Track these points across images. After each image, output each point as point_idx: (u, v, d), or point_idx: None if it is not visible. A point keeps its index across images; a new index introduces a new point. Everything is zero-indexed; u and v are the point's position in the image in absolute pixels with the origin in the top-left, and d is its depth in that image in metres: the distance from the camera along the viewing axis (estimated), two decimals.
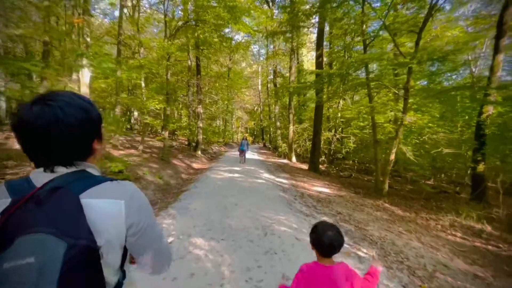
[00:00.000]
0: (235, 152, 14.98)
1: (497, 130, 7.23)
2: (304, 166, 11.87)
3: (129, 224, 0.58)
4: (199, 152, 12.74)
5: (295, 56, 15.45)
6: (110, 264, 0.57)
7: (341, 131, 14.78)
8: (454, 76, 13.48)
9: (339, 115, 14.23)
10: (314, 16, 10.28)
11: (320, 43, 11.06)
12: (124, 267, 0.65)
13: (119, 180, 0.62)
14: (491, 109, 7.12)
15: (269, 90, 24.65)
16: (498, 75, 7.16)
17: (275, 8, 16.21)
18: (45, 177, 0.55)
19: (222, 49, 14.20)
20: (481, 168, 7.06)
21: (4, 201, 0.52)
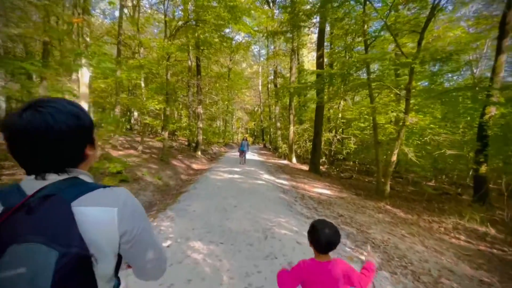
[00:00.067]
0: (235, 153, 14.90)
1: (500, 131, 7.16)
2: (305, 167, 11.80)
3: (122, 232, 0.58)
4: (199, 153, 12.67)
5: (296, 57, 15.40)
6: (104, 272, 0.56)
7: (342, 132, 14.72)
8: (455, 77, 13.42)
9: (340, 116, 14.17)
10: (315, 16, 10.23)
11: (321, 44, 11.02)
12: (119, 274, 0.65)
13: (112, 187, 0.61)
14: (494, 110, 7.06)
15: (270, 91, 24.58)
16: (501, 76, 7.10)
17: (276, 8, 16.16)
18: (36, 185, 0.55)
19: (223, 50, 14.17)
20: (484, 170, 6.98)
21: None
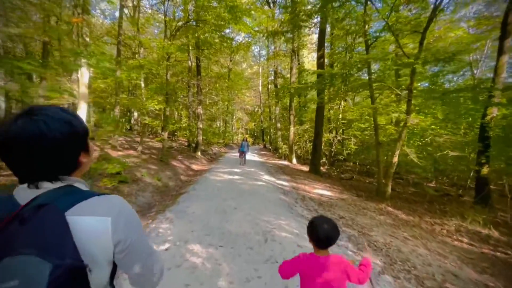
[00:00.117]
0: (235, 153, 14.85)
1: (502, 132, 7.11)
2: (305, 168, 11.74)
3: (116, 241, 0.57)
4: (199, 153, 12.62)
5: (296, 57, 15.36)
6: (98, 281, 0.56)
7: (342, 133, 14.67)
8: (456, 78, 13.39)
9: (340, 117, 14.12)
10: (316, 16, 10.19)
11: (322, 44, 10.97)
12: (114, 283, 0.64)
13: (107, 195, 0.61)
14: (495, 111, 7.01)
15: (270, 91, 24.50)
16: (503, 77, 7.06)
17: (276, 9, 16.14)
18: (30, 194, 0.54)
19: (223, 50, 14.13)
20: (485, 171, 6.93)
21: None
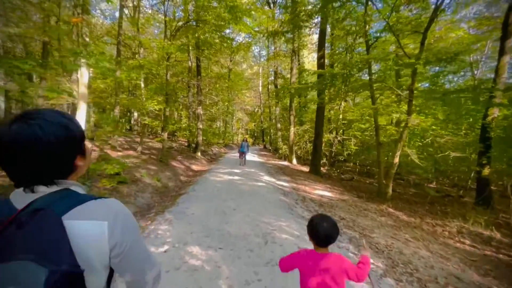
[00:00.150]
0: (235, 154, 14.81)
1: (503, 133, 7.08)
2: (305, 169, 11.71)
3: (112, 246, 0.57)
4: (199, 154, 12.58)
5: (296, 58, 15.34)
6: (95, 286, 0.56)
7: (343, 133, 14.63)
8: (456, 79, 13.37)
9: (341, 117, 14.09)
10: (316, 16, 10.16)
11: (322, 44, 10.95)
12: (111, 287, 0.64)
13: (104, 198, 0.60)
14: (497, 112, 6.98)
15: (270, 92, 24.49)
16: (504, 77, 7.03)
17: (277, 9, 16.12)
18: (26, 198, 0.54)
19: (223, 50, 14.10)
20: (487, 172, 6.89)
21: None
